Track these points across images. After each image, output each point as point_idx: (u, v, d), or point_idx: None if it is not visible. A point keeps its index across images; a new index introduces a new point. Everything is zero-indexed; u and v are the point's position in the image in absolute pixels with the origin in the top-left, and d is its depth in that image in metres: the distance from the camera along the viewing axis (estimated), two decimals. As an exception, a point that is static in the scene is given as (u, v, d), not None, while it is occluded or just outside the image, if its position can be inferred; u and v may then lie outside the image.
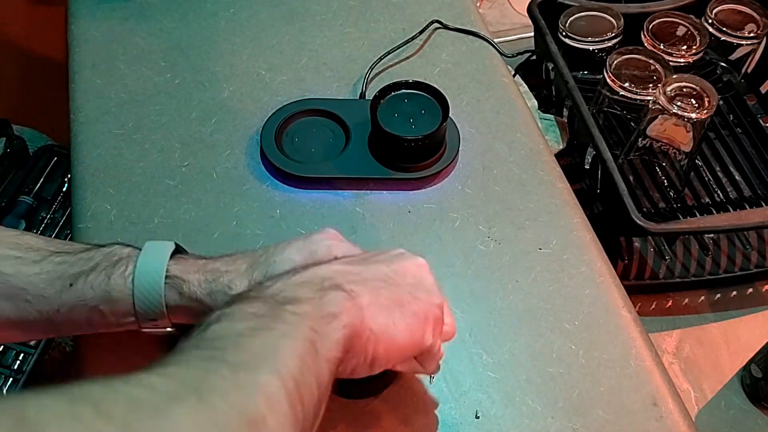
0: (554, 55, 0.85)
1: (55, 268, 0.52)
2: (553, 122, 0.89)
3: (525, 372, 0.61)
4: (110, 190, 0.71)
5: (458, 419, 0.58)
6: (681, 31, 0.88)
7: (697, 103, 0.77)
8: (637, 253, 0.82)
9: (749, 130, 0.91)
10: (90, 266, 0.52)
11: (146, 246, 0.54)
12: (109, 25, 0.85)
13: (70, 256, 0.53)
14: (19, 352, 1.16)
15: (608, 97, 0.85)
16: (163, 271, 0.52)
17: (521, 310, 0.64)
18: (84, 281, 0.52)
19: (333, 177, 0.72)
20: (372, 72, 0.81)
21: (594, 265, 0.67)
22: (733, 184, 0.86)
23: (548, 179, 0.73)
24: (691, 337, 0.78)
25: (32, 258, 0.53)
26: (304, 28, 0.86)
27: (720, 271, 0.82)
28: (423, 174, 0.72)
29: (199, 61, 0.82)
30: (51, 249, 0.54)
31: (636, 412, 0.59)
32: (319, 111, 0.76)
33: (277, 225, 0.69)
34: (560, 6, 0.90)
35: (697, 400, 0.73)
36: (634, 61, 0.84)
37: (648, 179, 0.85)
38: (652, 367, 0.61)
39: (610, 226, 0.78)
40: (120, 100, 0.78)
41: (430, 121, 0.71)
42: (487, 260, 0.67)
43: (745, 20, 0.89)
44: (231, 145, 0.75)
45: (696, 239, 0.84)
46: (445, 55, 0.84)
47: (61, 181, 1.31)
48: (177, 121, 0.77)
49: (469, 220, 0.70)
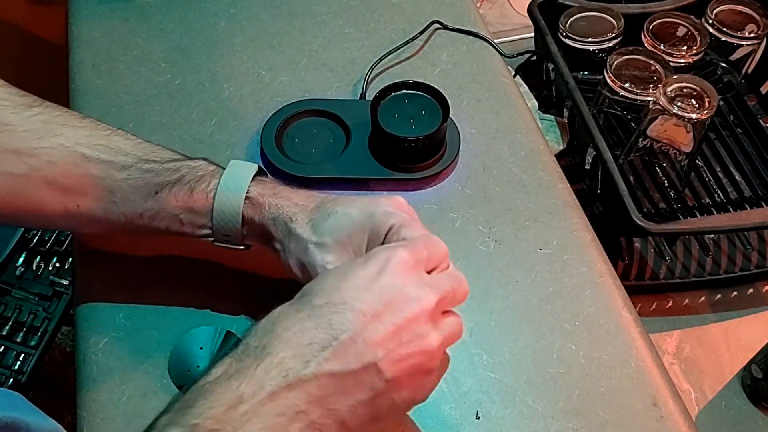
0: (554, 55, 0.85)
1: (142, 176, 0.55)
2: (553, 123, 0.89)
3: (525, 372, 0.61)
4: (110, 190, 0.71)
5: (458, 419, 0.58)
6: (681, 31, 0.88)
7: (697, 104, 0.77)
8: (638, 253, 0.82)
9: (749, 130, 0.91)
10: (175, 177, 0.55)
11: (231, 164, 0.57)
12: (109, 26, 0.85)
13: (157, 164, 0.56)
14: (20, 353, 1.16)
15: (608, 97, 0.85)
16: (244, 191, 0.55)
17: (521, 311, 0.64)
18: (169, 191, 0.55)
19: (333, 177, 0.72)
20: (372, 72, 0.81)
21: (594, 266, 0.67)
22: (734, 184, 0.86)
23: (548, 180, 0.73)
24: (691, 337, 0.78)
25: (121, 162, 0.56)
26: (304, 28, 0.86)
27: (720, 272, 0.82)
28: (423, 174, 0.72)
29: (199, 62, 0.82)
30: (139, 155, 0.56)
31: (636, 413, 0.59)
32: (319, 111, 0.76)
33: (277, 225, 0.69)
34: (560, 6, 0.90)
35: (697, 400, 0.73)
36: (635, 61, 0.84)
37: (648, 180, 0.85)
38: (652, 367, 0.61)
39: (610, 226, 0.78)
40: (120, 100, 0.78)
41: (431, 121, 0.71)
42: (488, 261, 0.67)
43: (746, 21, 0.89)
44: (231, 145, 0.75)
45: (696, 239, 0.84)
46: (445, 56, 0.84)
47: (62, 182, 1.30)
48: (177, 122, 0.77)
49: (469, 221, 0.70)
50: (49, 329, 1.19)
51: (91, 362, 0.60)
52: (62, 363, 1.20)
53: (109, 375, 0.60)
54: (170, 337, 0.61)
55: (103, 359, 0.60)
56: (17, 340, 1.17)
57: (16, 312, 1.19)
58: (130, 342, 0.61)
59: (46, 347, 1.18)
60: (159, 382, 0.59)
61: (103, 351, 0.61)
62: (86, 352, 0.61)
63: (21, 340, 1.17)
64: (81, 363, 0.61)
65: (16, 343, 1.17)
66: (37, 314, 1.19)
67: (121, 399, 0.58)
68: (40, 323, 1.19)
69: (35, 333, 1.18)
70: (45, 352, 1.18)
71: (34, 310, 1.20)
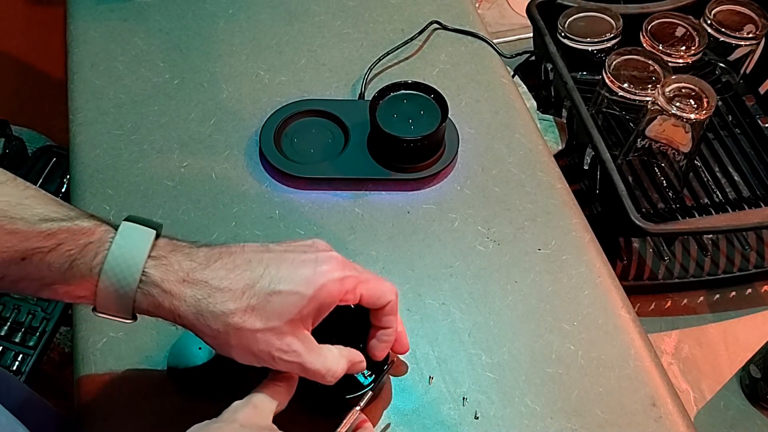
0: (553, 55, 0.85)
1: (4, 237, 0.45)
2: (552, 123, 0.89)
3: (524, 372, 0.61)
4: (109, 190, 0.71)
5: (457, 420, 0.58)
6: (680, 31, 0.88)
7: (695, 104, 0.77)
8: (636, 253, 0.82)
9: (748, 130, 0.91)
10: (50, 244, 0.45)
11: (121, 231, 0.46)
12: (108, 26, 0.85)
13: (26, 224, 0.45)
14: (18, 353, 1.16)
15: (607, 97, 0.85)
16: (139, 273, 0.46)
17: (520, 311, 0.64)
18: (40, 260, 0.45)
19: (332, 177, 0.72)
20: (371, 72, 0.81)
21: (593, 266, 0.67)
22: (732, 184, 0.86)
23: (547, 180, 0.73)
24: (689, 337, 0.78)
25: None
26: (303, 28, 0.86)
27: (719, 272, 0.82)
28: (422, 174, 0.72)
29: (198, 62, 0.82)
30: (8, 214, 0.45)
31: (635, 413, 0.59)
32: (318, 111, 0.76)
33: (276, 225, 0.69)
34: (559, 7, 0.90)
35: (696, 400, 0.73)
36: (633, 61, 0.84)
37: (647, 180, 0.85)
38: (651, 367, 0.61)
39: (609, 226, 0.78)
40: (119, 100, 0.78)
41: (429, 121, 0.71)
42: (486, 261, 0.68)
43: (744, 21, 0.89)
44: (230, 145, 0.75)
45: (695, 240, 0.84)
46: (444, 56, 0.84)
47: (60, 182, 1.31)
48: (176, 122, 0.77)
49: (468, 221, 0.70)
50: (48, 329, 1.19)
51: (89, 363, 0.60)
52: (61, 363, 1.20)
53: (108, 375, 0.60)
54: (169, 337, 0.61)
55: (101, 359, 0.60)
56: (16, 340, 1.17)
57: (15, 312, 1.19)
58: (128, 342, 0.61)
59: (44, 347, 1.18)
60: (158, 383, 0.59)
61: (102, 351, 0.61)
62: (85, 352, 0.61)
63: (19, 340, 1.17)
64: (79, 363, 0.61)
65: (14, 343, 1.17)
66: (36, 314, 1.19)
67: (120, 399, 0.58)
68: (38, 323, 1.19)
69: (34, 333, 1.18)
70: (43, 352, 1.18)
71: (32, 311, 1.20)
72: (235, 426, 0.46)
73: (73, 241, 0.45)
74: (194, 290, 0.46)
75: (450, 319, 0.64)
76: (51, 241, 0.45)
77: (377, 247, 0.68)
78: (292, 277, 0.47)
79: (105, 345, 0.61)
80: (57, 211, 0.46)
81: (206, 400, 0.52)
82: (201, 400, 0.55)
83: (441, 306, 0.64)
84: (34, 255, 0.45)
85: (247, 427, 0.46)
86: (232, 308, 0.46)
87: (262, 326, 0.47)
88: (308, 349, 0.49)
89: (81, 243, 0.45)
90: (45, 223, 0.45)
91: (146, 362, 0.60)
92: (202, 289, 0.46)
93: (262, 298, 0.47)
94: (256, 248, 0.49)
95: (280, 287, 0.47)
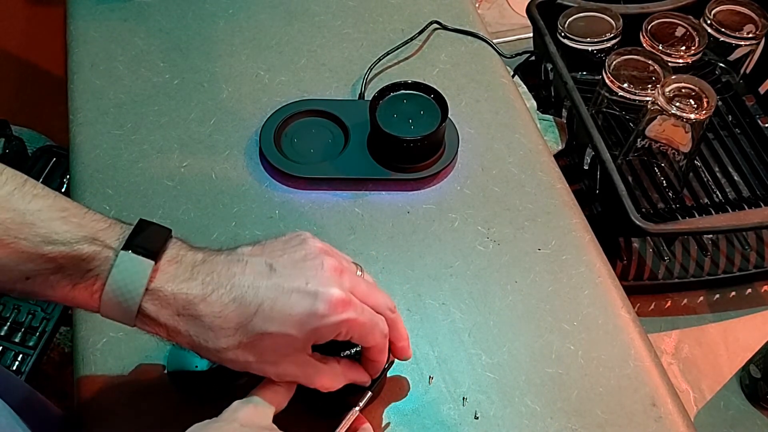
0: (553, 55, 0.85)
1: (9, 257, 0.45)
2: (552, 123, 0.89)
3: (524, 372, 0.61)
4: (109, 190, 0.71)
5: (457, 420, 0.58)
6: (680, 31, 0.88)
7: (695, 104, 0.77)
8: (636, 253, 0.82)
9: (748, 130, 0.91)
10: (51, 267, 0.46)
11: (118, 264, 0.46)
12: (107, 26, 0.85)
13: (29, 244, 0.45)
14: (18, 353, 1.16)
15: (607, 97, 0.85)
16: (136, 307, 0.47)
17: (520, 311, 0.64)
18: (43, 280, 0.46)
19: (332, 177, 0.72)
20: (371, 72, 0.81)
21: (593, 266, 0.67)
22: (732, 184, 0.86)
23: (547, 180, 0.73)
24: (689, 337, 0.78)
25: None
26: (303, 28, 0.86)
27: (719, 272, 0.82)
28: (422, 175, 0.72)
29: (198, 62, 0.82)
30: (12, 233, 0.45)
31: (635, 413, 0.59)
32: (318, 111, 0.76)
33: (276, 225, 0.69)
34: (559, 7, 0.90)
35: (696, 400, 0.73)
36: (633, 61, 0.84)
37: (647, 180, 0.85)
38: (651, 367, 0.61)
39: (609, 226, 0.78)
40: (119, 100, 0.78)
41: (429, 121, 0.71)
42: (486, 261, 0.68)
43: (744, 21, 0.89)
44: (230, 145, 0.75)
45: (695, 240, 0.84)
46: (444, 56, 0.84)
47: (60, 182, 1.30)
48: (176, 122, 0.77)
49: (468, 221, 0.70)
50: (48, 329, 1.19)
51: (89, 363, 0.60)
52: (61, 363, 1.20)
53: (108, 375, 0.60)
54: (169, 337, 0.61)
55: (101, 359, 0.60)
56: (15, 340, 1.17)
57: (15, 312, 1.19)
58: (128, 342, 0.61)
59: (44, 347, 1.18)
60: (158, 383, 0.59)
61: (102, 351, 0.61)
62: (85, 352, 0.61)
63: (19, 340, 1.17)
64: (79, 363, 0.61)
65: (14, 343, 1.17)
66: (36, 314, 1.19)
67: (120, 399, 0.58)
68: (38, 323, 1.19)
69: (33, 333, 1.18)
70: (43, 352, 1.18)
71: (32, 311, 1.19)
72: (235, 425, 0.46)
73: (73, 267, 0.46)
74: (188, 325, 0.47)
75: (450, 319, 0.64)
76: (52, 265, 0.46)
77: (377, 247, 0.68)
78: (285, 319, 0.47)
79: (105, 345, 0.61)
80: (59, 231, 0.46)
81: (206, 401, 0.52)
82: (201, 400, 0.55)
83: (441, 306, 0.64)
84: (38, 276, 0.46)
85: (247, 426, 0.47)
86: (224, 345, 0.47)
87: (255, 360, 0.48)
88: (305, 373, 0.50)
89: (81, 269, 0.46)
90: (47, 246, 0.45)
91: (146, 362, 0.60)
92: (195, 325, 0.47)
93: (254, 337, 0.47)
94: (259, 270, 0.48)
95: (272, 329, 0.47)
